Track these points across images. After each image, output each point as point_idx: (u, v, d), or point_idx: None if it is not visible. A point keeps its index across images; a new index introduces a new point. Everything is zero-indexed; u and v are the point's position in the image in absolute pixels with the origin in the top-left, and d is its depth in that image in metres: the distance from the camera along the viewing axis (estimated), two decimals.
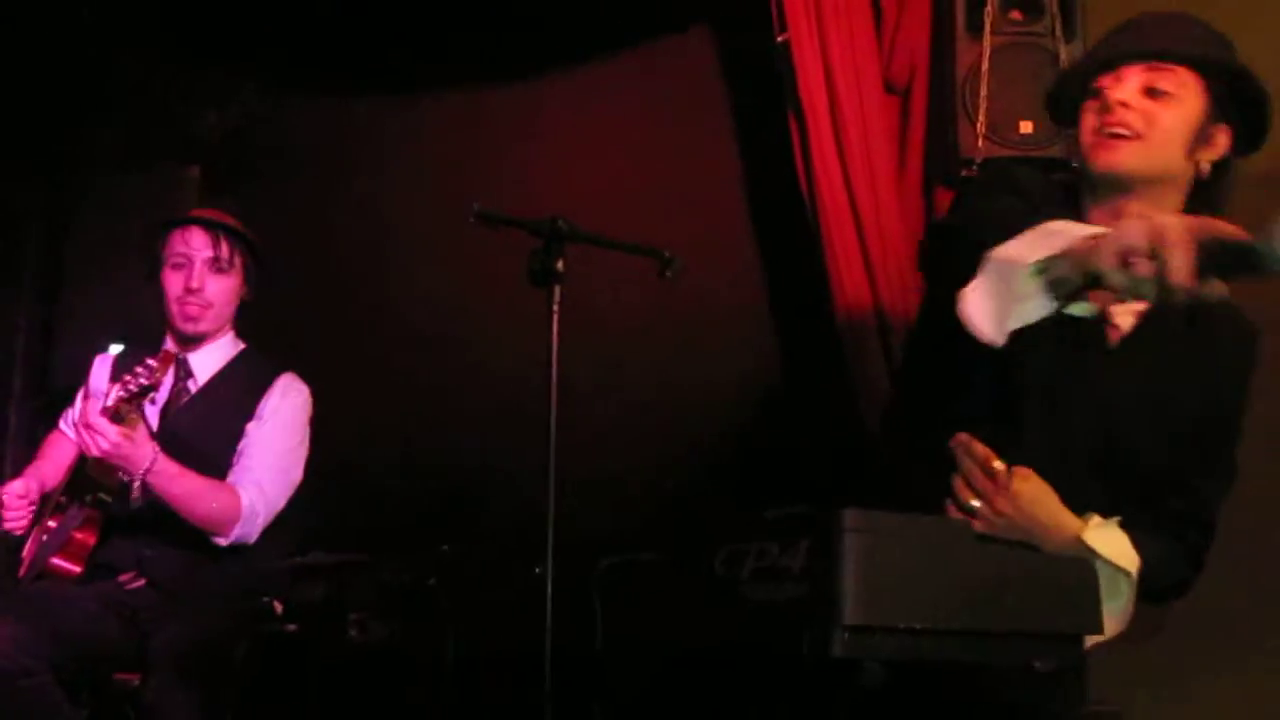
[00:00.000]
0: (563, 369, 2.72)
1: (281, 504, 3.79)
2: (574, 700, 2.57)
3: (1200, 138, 2.50)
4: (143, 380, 3.45)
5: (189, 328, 3.86)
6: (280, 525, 3.80)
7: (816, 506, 2.13)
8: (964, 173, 3.82)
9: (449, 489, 4.31)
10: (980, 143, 3.81)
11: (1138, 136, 2.47)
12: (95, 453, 3.42)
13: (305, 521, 3.89)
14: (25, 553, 3.76)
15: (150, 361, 3.50)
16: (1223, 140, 2.53)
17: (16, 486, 3.73)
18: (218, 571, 3.70)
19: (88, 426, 3.41)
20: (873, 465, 2.92)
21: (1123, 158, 2.49)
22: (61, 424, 4.03)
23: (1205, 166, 2.51)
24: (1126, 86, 2.50)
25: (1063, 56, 3.90)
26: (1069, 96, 2.63)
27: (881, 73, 4.14)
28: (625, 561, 2.34)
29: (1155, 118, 2.48)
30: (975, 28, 3.95)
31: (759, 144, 4.37)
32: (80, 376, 4.12)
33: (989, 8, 3.93)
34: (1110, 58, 2.55)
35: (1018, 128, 3.85)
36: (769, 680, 2.27)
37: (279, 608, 3.77)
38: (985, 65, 3.90)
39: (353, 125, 4.92)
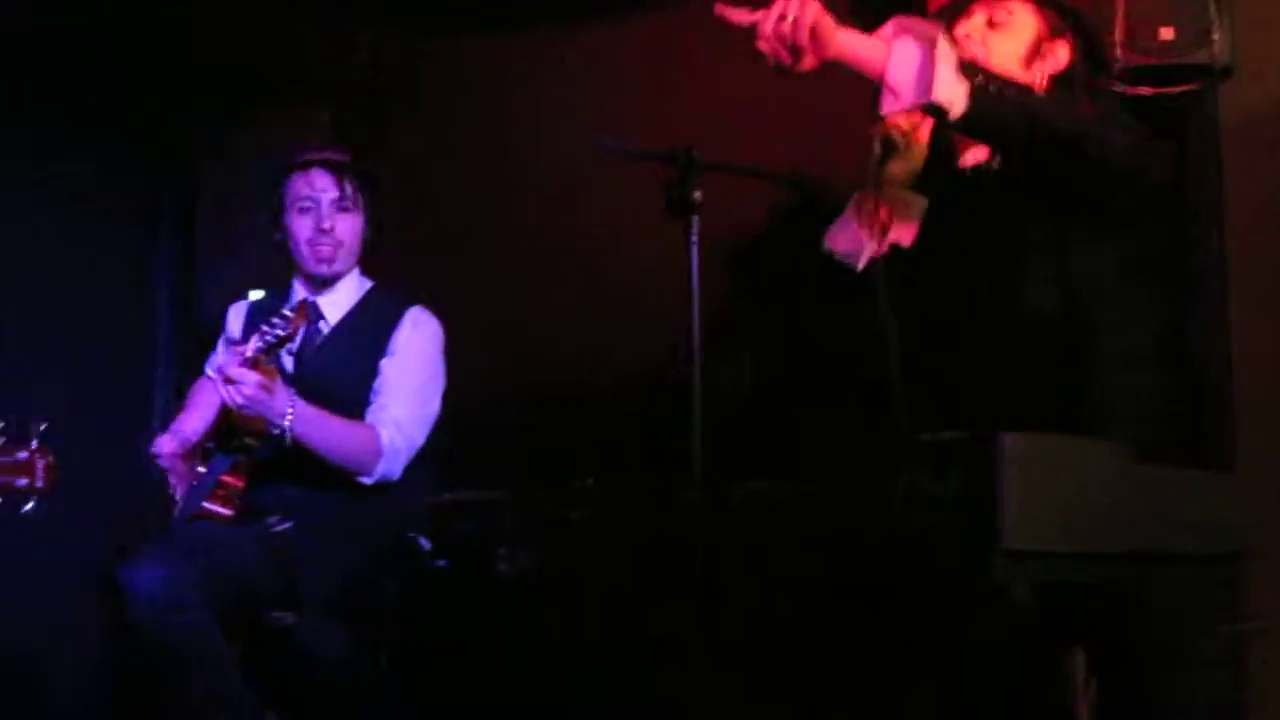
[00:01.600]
0: (703, 301, 2.68)
1: (421, 439, 3.83)
2: (723, 631, 2.57)
3: (1034, 54, 2.91)
4: (279, 331, 3.50)
5: (322, 269, 3.89)
6: (423, 460, 3.84)
7: (970, 432, 2.10)
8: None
9: (590, 422, 4.31)
10: (1119, 51, 3.68)
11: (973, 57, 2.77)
12: (235, 403, 3.48)
13: (449, 455, 3.92)
14: (178, 499, 3.84)
15: (286, 312, 3.54)
16: (1062, 54, 2.93)
17: (165, 439, 3.81)
18: (363, 510, 3.75)
19: (227, 379, 3.47)
20: None
21: None
22: (207, 369, 4.10)
23: (1042, 79, 2.89)
24: (971, 21, 2.93)
25: None
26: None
27: None
28: (768, 489, 2.33)
29: (990, 43, 2.90)
30: None
31: None
32: (220, 322, 4.19)
33: None
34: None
35: (1157, 34, 3.71)
36: (918, 605, 2.26)
37: (426, 544, 3.83)
38: None
39: (483, 61, 4.89)
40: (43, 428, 3.23)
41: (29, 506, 3.21)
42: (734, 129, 4.17)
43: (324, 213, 3.85)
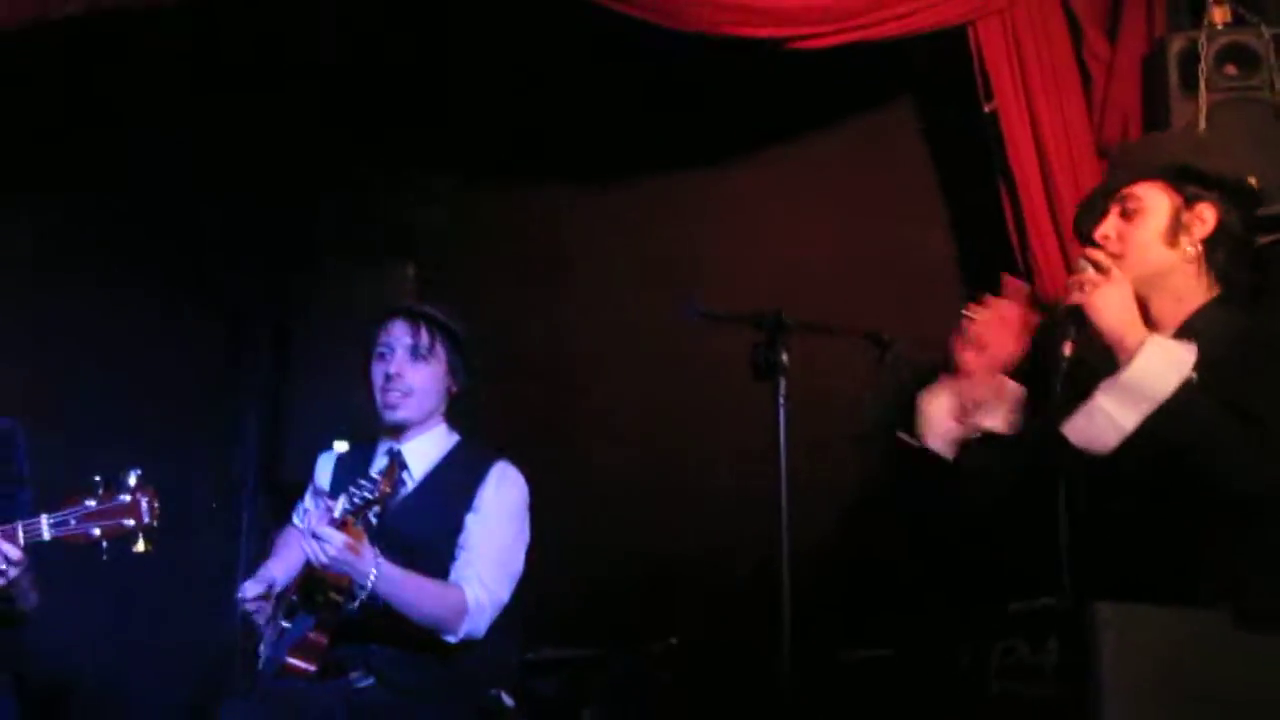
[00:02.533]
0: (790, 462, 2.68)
1: (506, 596, 3.81)
2: None
3: (1175, 228, 2.96)
4: (367, 494, 3.51)
5: (389, 415, 3.91)
6: (507, 617, 3.82)
7: (1064, 600, 2.07)
8: None
9: (674, 580, 4.29)
10: None
11: (1118, 256, 2.95)
12: (321, 562, 3.49)
13: (532, 614, 3.91)
14: (260, 650, 3.84)
15: (375, 475, 3.55)
16: (1209, 216, 2.96)
17: (252, 587, 3.83)
18: (447, 668, 3.72)
19: (314, 536, 3.48)
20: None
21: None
22: (294, 518, 4.12)
23: (1191, 249, 2.94)
24: (1108, 222, 3.02)
25: None
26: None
27: (1093, 137, 4.05)
28: (866, 658, 2.30)
29: (1125, 234, 2.99)
30: (1189, 85, 3.86)
31: (970, 216, 4.30)
32: (308, 473, 4.23)
33: (1203, 64, 3.83)
34: (1092, 201, 3.14)
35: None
36: None
37: (510, 701, 3.80)
38: (1202, 124, 3.79)
39: (559, 219, 4.98)
40: (137, 473, 3.26)
41: (139, 545, 3.22)
42: (801, 285, 4.22)
43: (397, 359, 3.90)
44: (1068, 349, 2.94)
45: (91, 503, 3.25)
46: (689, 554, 4.33)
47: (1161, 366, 2.73)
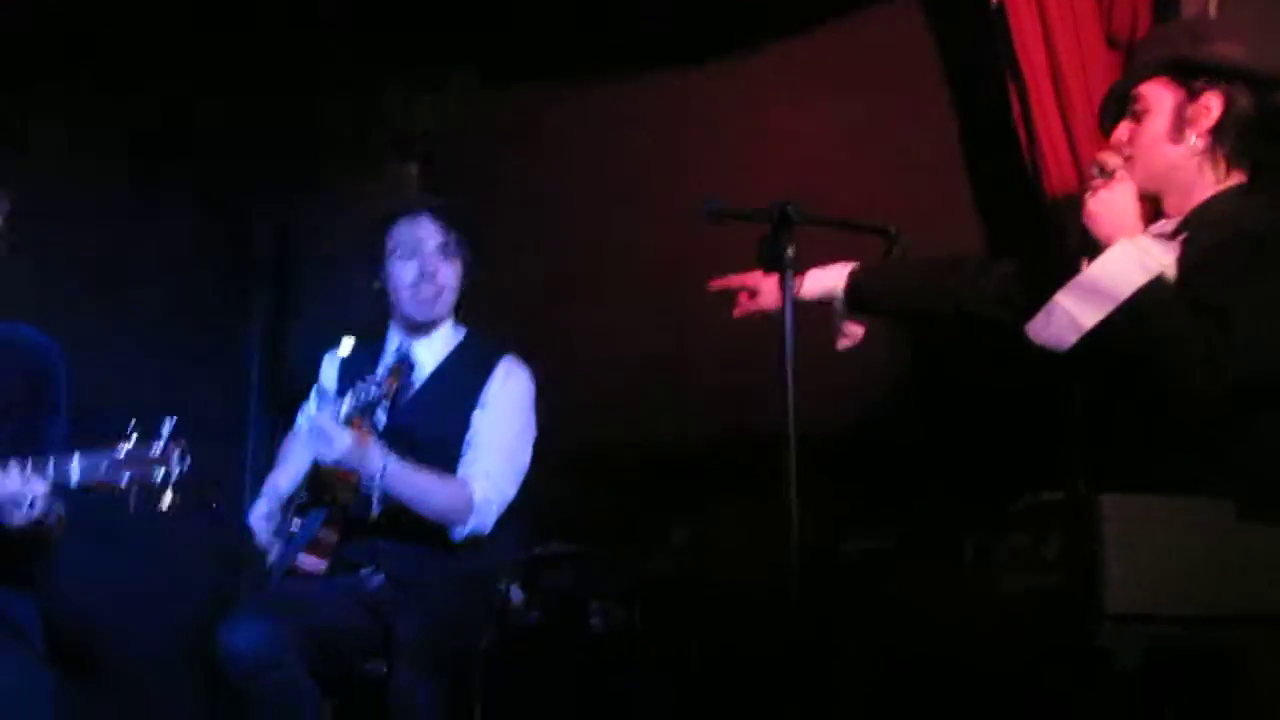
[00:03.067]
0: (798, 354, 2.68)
1: (512, 492, 3.84)
2: (818, 691, 2.55)
3: (1179, 124, 2.94)
4: (373, 390, 3.52)
5: (424, 313, 3.93)
6: (515, 513, 3.86)
7: (1069, 493, 2.08)
8: None
9: (680, 472, 4.30)
10: None
11: (1129, 158, 2.96)
12: (329, 459, 3.51)
13: (540, 508, 3.93)
14: (273, 553, 3.88)
15: (381, 372, 3.56)
16: (1214, 105, 2.92)
17: (260, 509, 3.85)
18: (455, 562, 3.76)
19: (320, 434, 3.50)
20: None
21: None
22: (299, 420, 4.14)
23: (1198, 141, 2.92)
24: (1122, 126, 3.04)
25: None
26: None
27: (1102, 27, 3.98)
28: (869, 550, 2.32)
29: (1136, 135, 3.00)
30: None
31: (977, 111, 4.25)
32: (313, 372, 4.23)
33: None
34: (1108, 100, 3.14)
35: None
36: (1021, 669, 2.23)
37: (518, 596, 3.84)
38: (1213, 11, 3.74)
39: (565, 114, 4.93)
40: (172, 424, 3.22)
41: (167, 498, 3.19)
42: (808, 179, 4.20)
43: (428, 258, 3.89)
44: (1084, 264, 2.90)
45: (123, 450, 3.23)
46: (693, 448, 4.35)
47: (1127, 264, 2.73)
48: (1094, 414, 2.77)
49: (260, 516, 3.82)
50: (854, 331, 3.35)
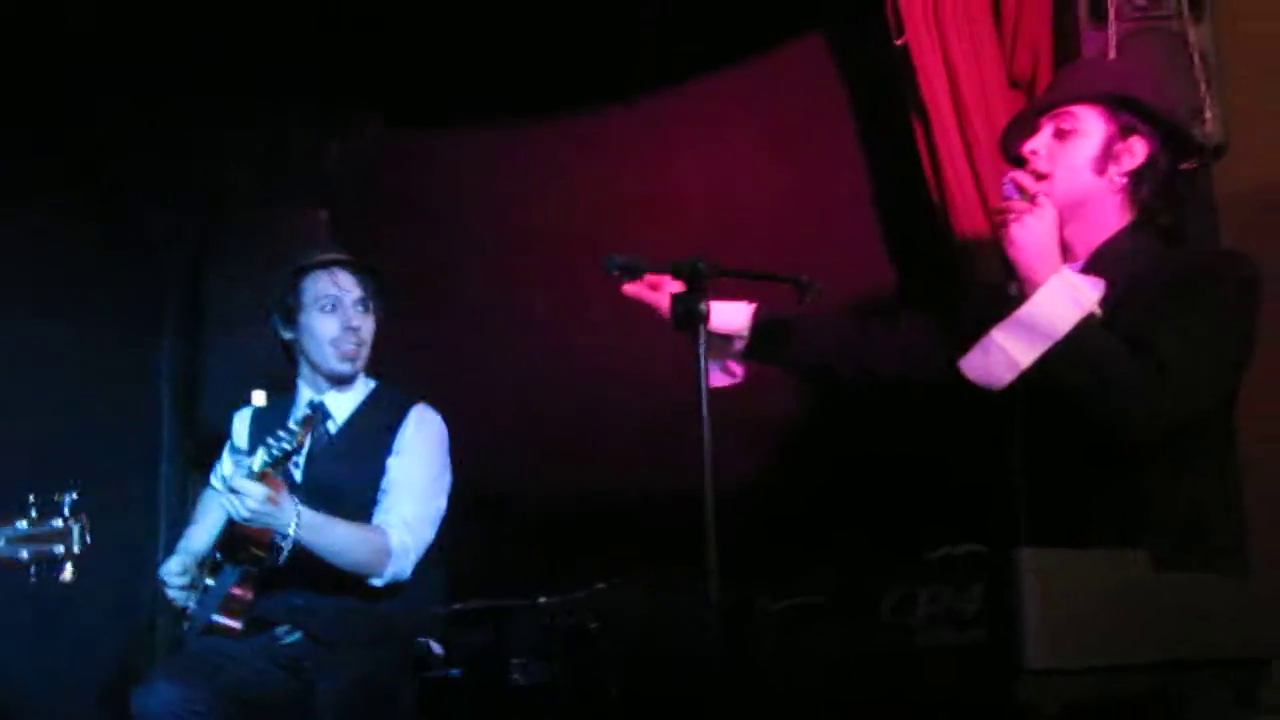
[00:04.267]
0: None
1: (430, 535, 3.81)
2: None
3: (1106, 156, 2.95)
4: (284, 444, 3.47)
5: (346, 368, 3.90)
6: (432, 563, 3.82)
7: (988, 545, 2.09)
8: None
9: (599, 525, 4.29)
10: None
11: (1045, 176, 2.94)
12: (241, 516, 3.46)
13: (459, 565, 3.91)
14: (188, 609, 3.82)
15: (292, 425, 3.52)
16: (1139, 149, 2.95)
17: (174, 565, 3.78)
18: (373, 615, 3.72)
19: (233, 490, 3.45)
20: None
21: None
22: (212, 479, 4.09)
23: (1118, 179, 2.94)
24: (1039, 138, 3.01)
25: (1192, 39, 3.78)
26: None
27: (1005, 68, 4.05)
28: (792, 606, 2.31)
29: (1056, 154, 2.97)
30: (1099, 15, 3.83)
31: (883, 150, 4.30)
32: (225, 422, 4.18)
33: None
34: (1025, 116, 3.12)
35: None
36: None
37: (438, 648, 3.80)
38: (1112, 53, 3.80)
39: (473, 159, 4.92)
40: (73, 497, 3.20)
41: (67, 574, 3.18)
42: (713, 224, 4.22)
43: (350, 312, 3.86)
44: (1014, 288, 2.91)
45: (23, 524, 3.19)
46: (612, 500, 4.34)
47: (1061, 302, 2.73)
48: (1021, 466, 2.78)
49: (172, 572, 3.76)
50: (736, 371, 3.30)
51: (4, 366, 4.45)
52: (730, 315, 3.21)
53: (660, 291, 3.15)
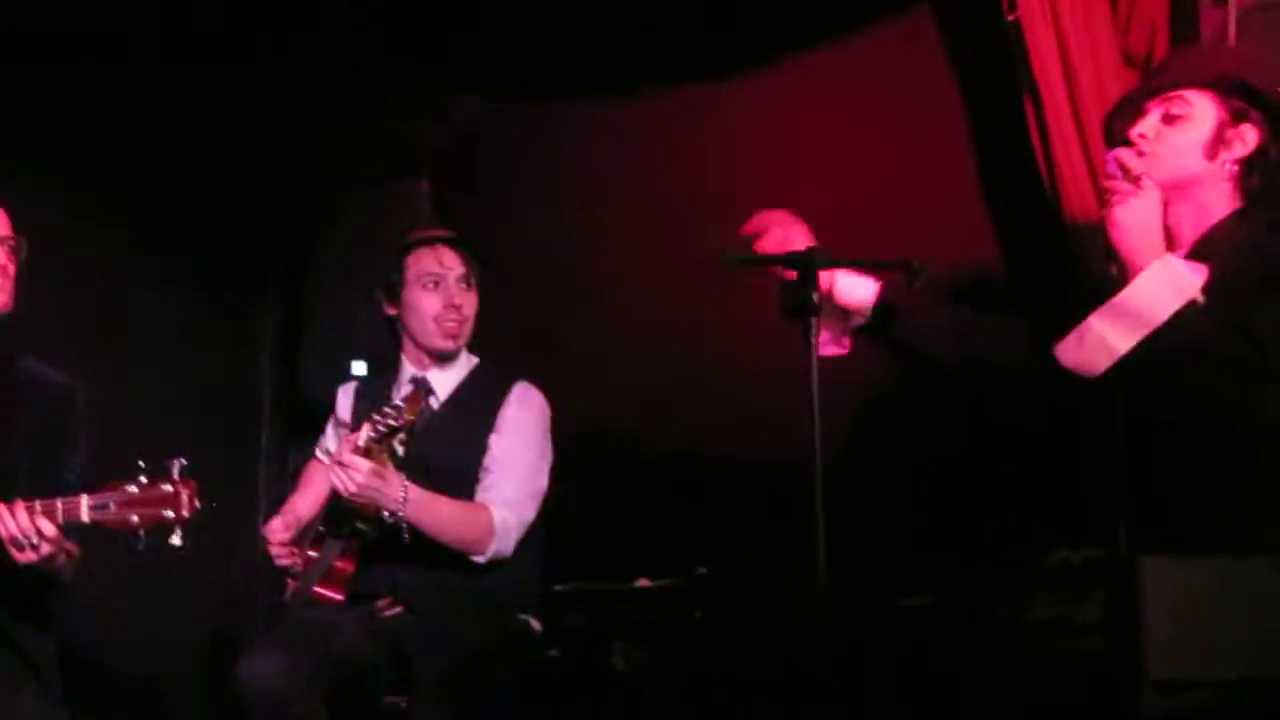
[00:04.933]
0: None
1: (532, 515, 3.83)
2: None
3: (1217, 142, 2.88)
4: (391, 420, 3.50)
5: (449, 344, 3.92)
6: (532, 540, 3.84)
7: (1109, 551, 2.05)
8: None
9: (705, 509, 4.27)
10: None
11: (1151, 158, 2.87)
12: (348, 491, 3.49)
13: (560, 544, 3.92)
14: (290, 583, 3.86)
15: (399, 402, 3.54)
16: (1250, 136, 2.88)
17: (277, 524, 3.83)
18: (474, 591, 3.75)
19: (340, 464, 3.48)
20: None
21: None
22: (317, 452, 4.12)
23: (1229, 166, 2.87)
24: (1147, 121, 2.94)
25: None
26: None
27: (1119, 45, 3.95)
28: (905, 605, 2.29)
29: (1164, 137, 2.90)
30: None
31: (993, 129, 4.20)
32: (325, 394, 4.21)
33: None
34: (1133, 98, 3.06)
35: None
36: None
37: (537, 625, 3.82)
38: (1232, 30, 3.71)
39: (573, 132, 4.89)
40: (182, 463, 3.23)
41: (176, 538, 3.21)
42: (817, 204, 4.16)
43: (453, 289, 3.88)
44: (1115, 270, 2.87)
45: (133, 489, 3.22)
46: (719, 486, 4.31)
47: (1162, 288, 2.68)
48: (1131, 465, 2.73)
49: (275, 530, 3.80)
50: (845, 344, 3.21)
51: (109, 335, 4.50)
52: (856, 290, 3.13)
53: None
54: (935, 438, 3.82)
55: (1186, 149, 2.89)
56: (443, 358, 3.95)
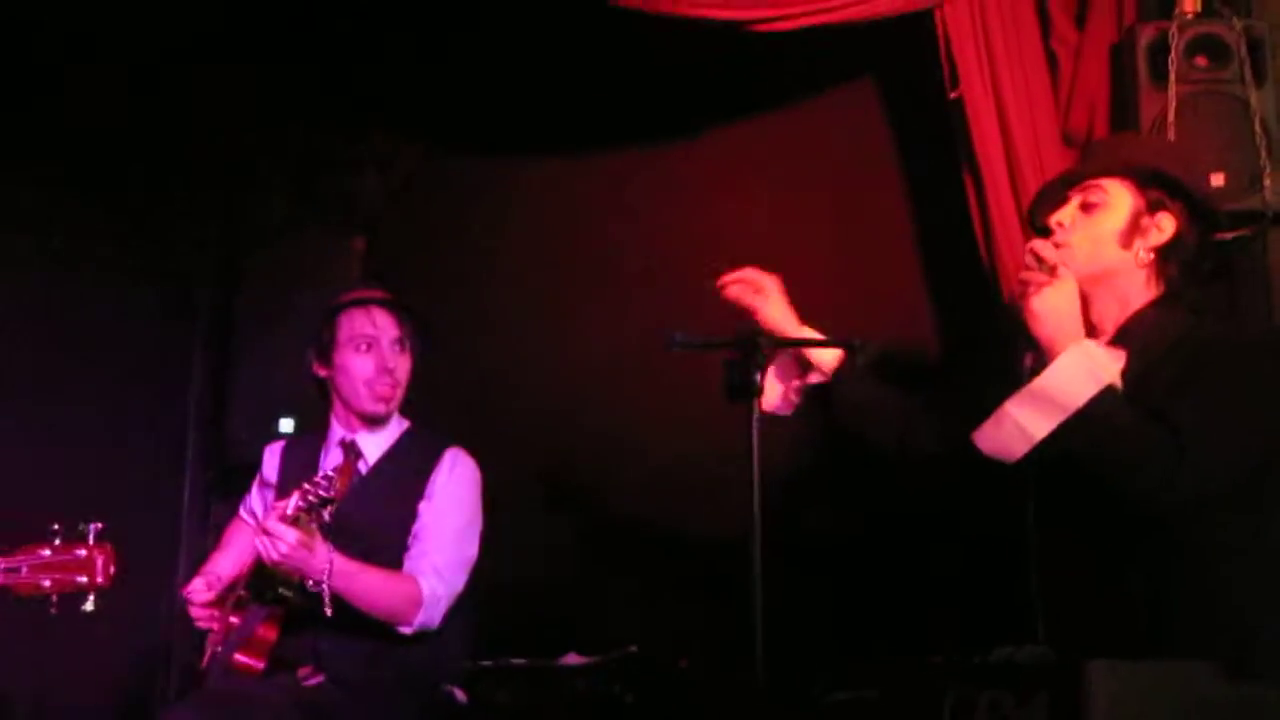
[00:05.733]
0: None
1: (460, 584, 3.74)
2: None
3: (1133, 230, 2.91)
4: (322, 492, 3.38)
5: (380, 409, 3.83)
6: (457, 609, 3.76)
7: (1054, 652, 2.02)
8: None
9: (636, 582, 4.23)
10: None
11: (1067, 248, 2.90)
12: (272, 559, 3.39)
13: (490, 620, 3.85)
14: (208, 649, 3.76)
15: (329, 473, 3.44)
16: (1166, 225, 2.91)
17: (199, 584, 3.74)
18: (398, 661, 3.66)
19: (265, 533, 3.39)
20: None
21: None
22: (241, 512, 4.04)
23: (1145, 254, 2.90)
24: (1066, 209, 2.98)
25: (1253, 104, 3.74)
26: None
27: (1060, 125, 3.99)
28: (848, 700, 2.25)
29: (1081, 226, 2.94)
30: (1159, 77, 3.80)
31: (933, 203, 4.23)
32: (250, 450, 4.13)
33: (1173, 55, 3.78)
34: (1053, 187, 3.08)
35: (1208, 181, 3.66)
36: None
37: (462, 696, 3.74)
38: (1171, 117, 3.74)
39: (507, 187, 4.87)
40: (96, 528, 3.18)
41: (89, 604, 3.15)
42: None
43: (386, 352, 3.80)
44: (1028, 360, 2.89)
45: (46, 553, 3.16)
46: (656, 565, 4.27)
47: (1077, 374, 2.69)
48: (1039, 552, 2.72)
49: (196, 590, 3.71)
50: (792, 402, 3.24)
51: (27, 393, 4.39)
52: (822, 352, 3.18)
53: (762, 296, 3.16)
54: (869, 517, 3.79)
55: (1103, 238, 2.92)
56: (373, 421, 3.87)
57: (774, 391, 3.18)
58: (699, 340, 2.79)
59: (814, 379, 3.19)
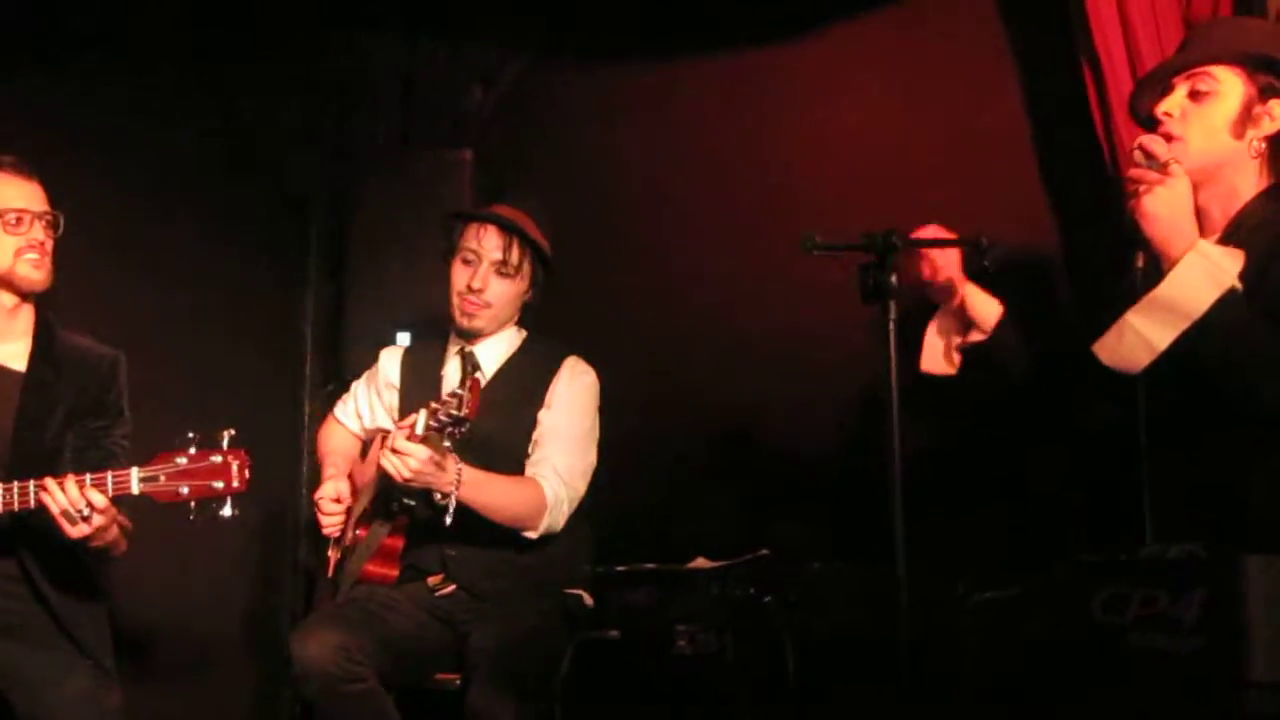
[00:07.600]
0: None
1: (583, 489, 3.78)
2: None
3: (1245, 119, 2.85)
4: (453, 410, 3.38)
5: (464, 323, 3.85)
6: (582, 516, 3.80)
7: (1210, 547, 2.01)
8: None
9: (771, 492, 4.22)
10: None
11: (1178, 140, 2.84)
12: (403, 477, 3.41)
13: (620, 526, 3.87)
14: (331, 559, 3.83)
15: (460, 391, 3.43)
16: (1278, 112, 2.84)
17: (329, 490, 3.80)
18: (525, 567, 3.71)
19: (395, 451, 3.40)
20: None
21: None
22: (338, 415, 4.14)
23: (1258, 144, 2.84)
24: (1173, 98, 2.92)
25: None
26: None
27: (1182, 12, 3.88)
28: (994, 599, 2.24)
29: (1190, 115, 2.87)
30: None
31: (1049, 98, 4.15)
32: (367, 360, 4.16)
33: None
34: (1158, 75, 3.01)
35: None
36: None
37: (589, 600, 3.78)
38: None
39: (617, 95, 4.84)
40: (231, 434, 3.23)
41: (226, 509, 3.22)
42: (869, 174, 4.10)
43: (481, 271, 3.80)
44: (1140, 260, 2.82)
45: (183, 460, 3.21)
46: (786, 468, 4.26)
47: (1198, 279, 2.62)
48: (1153, 454, 2.69)
49: (326, 496, 3.80)
50: (955, 361, 3.16)
51: (155, 309, 4.46)
52: (984, 308, 3.09)
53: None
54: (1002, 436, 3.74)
55: (1215, 127, 2.86)
56: (461, 334, 3.89)
57: (935, 349, 3.15)
58: (838, 242, 2.75)
59: (975, 337, 3.11)
